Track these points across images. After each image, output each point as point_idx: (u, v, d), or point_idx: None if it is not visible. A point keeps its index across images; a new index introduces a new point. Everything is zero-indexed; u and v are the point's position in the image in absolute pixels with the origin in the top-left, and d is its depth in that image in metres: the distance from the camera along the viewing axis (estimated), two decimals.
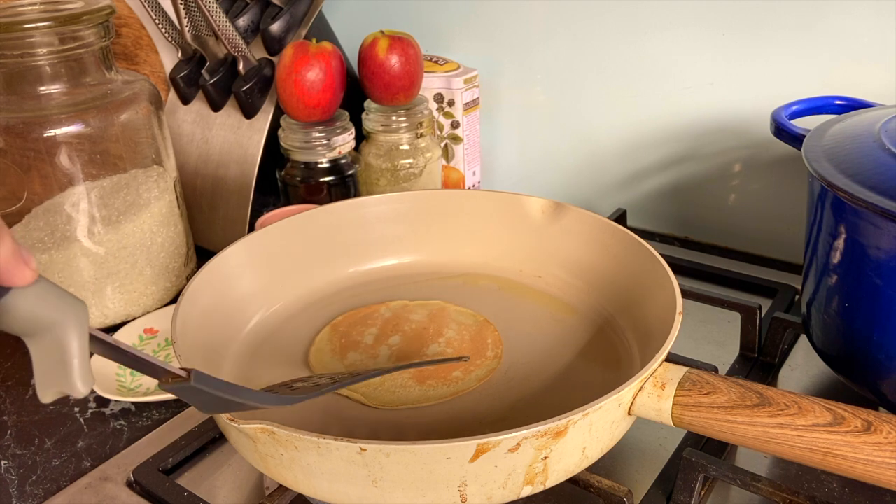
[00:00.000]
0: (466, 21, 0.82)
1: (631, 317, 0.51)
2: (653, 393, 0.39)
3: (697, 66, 0.70)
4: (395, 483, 0.35)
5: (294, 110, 0.67)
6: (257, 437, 0.36)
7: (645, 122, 0.75)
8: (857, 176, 0.42)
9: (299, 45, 0.66)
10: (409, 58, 0.68)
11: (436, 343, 0.51)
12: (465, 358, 0.47)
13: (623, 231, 0.54)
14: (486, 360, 0.49)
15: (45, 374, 0.27)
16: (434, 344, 0.51)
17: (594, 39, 0.75)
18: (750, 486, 0.41)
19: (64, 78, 0.58)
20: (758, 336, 0.55)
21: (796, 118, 0.56)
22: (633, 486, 0.43)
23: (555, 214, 0.58)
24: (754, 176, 0.71)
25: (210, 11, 0.68)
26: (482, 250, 0.60)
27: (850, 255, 0.45)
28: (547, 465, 0.37)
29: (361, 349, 0.51)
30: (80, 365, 0.25)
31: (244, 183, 0.72)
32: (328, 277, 0.59)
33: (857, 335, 0.45)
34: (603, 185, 0.80)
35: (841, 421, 0.36)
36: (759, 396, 0.38)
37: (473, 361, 0.49)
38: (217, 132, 0.74)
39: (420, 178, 0.72)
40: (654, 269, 0.49)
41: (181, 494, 0.44)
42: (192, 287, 0.48)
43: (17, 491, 0.47)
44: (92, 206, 0.60)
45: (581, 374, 0.49)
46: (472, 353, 0.50)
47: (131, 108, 0.61)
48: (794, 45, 0.65)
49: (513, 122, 0.84)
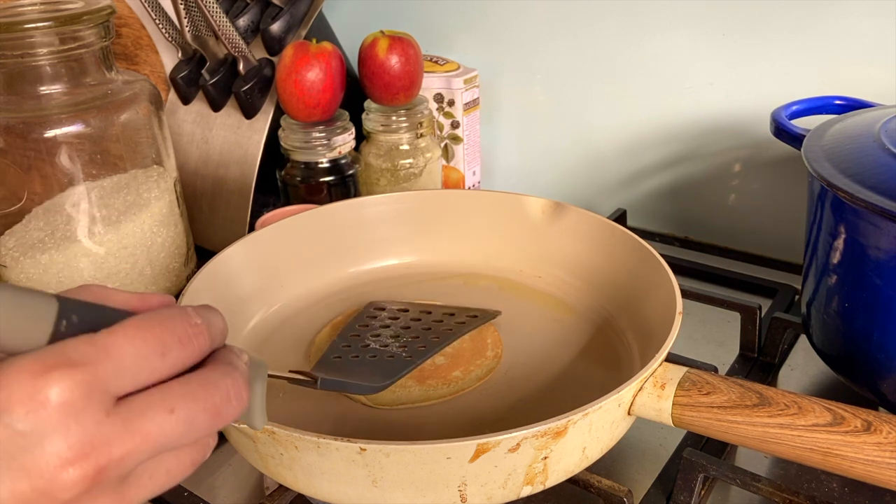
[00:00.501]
0: (466, 21, 0.82)
1: (631, 317, 0.51)
2: (653, 393, 0.39)
3: (697, 66, 0.70)
4: (395, 483, 0.35)
5: (294, 110, 0.67)
6: (257, 437, 0.36)
7: (645, 122, 0.75)
8: (857, 176, 0.42)
9: (299, 45, 0.66)
10: (409, 58, 0.68)
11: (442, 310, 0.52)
12: (498, 312, 0.52)
13: (623, 231, 0.54)
14: (485, 360, 0.49)
15: None
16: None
17: (594, 39, 0.75)
18: (750, 486, 0.41)
19: (64, 78, 0.58)
20: (758, 336, 0.55)
21: (796, 118, 0.56)
22: (633, 486, 0.43)
23: (555, 214, 0.58)
24: (754, 176, 0.71)
25: (210, 11, 0.68)
26: (482, 250, 0.60)
27: (850, 255, 0.45)
28: (547, 465, 0.37)
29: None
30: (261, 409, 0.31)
31: (244, 183, 0.72)
32: (328, 277, 0.59)
33: (857, 335, 0.45)
34: (603, 185, 0.80)
35: (841, 421, 0.36)
36: (758, 396, 0.38)
37: (473, 361, 0.49)
38: (217, 132, 0.74)
39: (420, 178, 0.72)
40: (654, 269, 0.49)
41: (181, 494, 0.44)
42: (192, 287, 0.48)
43: None
44: (92, 206, 0.60)
45: (581, 374, 0.49)
46: (472, 354, 0.50)
47: (131, 108, 0.61)
48: (794, 45, 0.65)
49: (513, 122, 0.84)
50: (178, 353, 0.26)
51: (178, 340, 0.26)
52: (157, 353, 0.25)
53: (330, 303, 0.57)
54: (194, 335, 0.27)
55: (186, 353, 0.27)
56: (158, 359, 0.26)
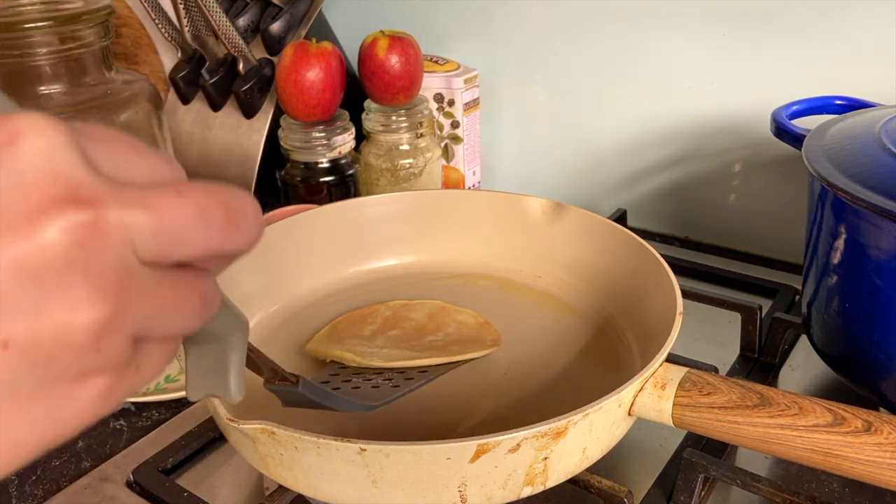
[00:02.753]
0: (466, 21, 0.82)
1: (631, 317, 0.51)
2: (653, 393, 0.39)
3: (697, 66, 0.70)
4: (395, 483, 0.35)
5: (294, 110, 0.67)
6: (257, 437, 0.36)
7: (645, 122, 0.75)
8: (857, 176, 0.42)
9: (299, 45, 0.66)
10: (409, 58, 0.68)
11: (434, 336, 0.51)
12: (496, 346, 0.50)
13: (623, 231, 0.54)
14: (483, 345, 0.50)
15: (200, 377, 0.28)
16: (432, 337, 0.51)
17: (594, 39, 0.75)
18: (750, 487, 0.41)
19: (64, 78, 0.58)
20: (758, 336, 0.55)
21: (796, 118, 0.56)
22: (633, 486, 0.43)
23: (555, 214, 0.58)
24: (754, 176, 0.71)
25: (210, 11, 0.68)
26: (482, 250, 0.60)
27: (850, 255, 0.45)
28: (547, 466, 0.37)
29: (360, 338, 0.51)
30: (238, 375, 0.28)
31: (244, 183, 0.72)
32: (328, 277, 0.59)
33: (858, 335, 0.45)
34: (603, 185, 0.80)
35: (841, 421, 0.36)
36: (759, 397, 0.38)
37: (471, 344, 0.50)
38: (217, 132, 0.74)
39: (420, 178, 0.72)
40: (654, 269, 0.49)
41: (181, 495, 0.44)
42: None
43: (16, 491, 0.47)
44: None
45: (581, 374, 0.49)
46: (470, 340, 0.51)
47: (131, 108, 0.61)
48: (794, 45, 0.65)
49: (513, 122, 0.84)
50: (224, 239, 0.22)
51: (231, 224, 0.22)
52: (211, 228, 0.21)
53: (330, 303, 0.57)
54: (251, 222, 0.23)
55: (233, 242, 0.23)
56: (204, 234, 0.21)
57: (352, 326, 0.53)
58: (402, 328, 0.52)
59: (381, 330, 0.52)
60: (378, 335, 0.51)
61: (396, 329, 0.52)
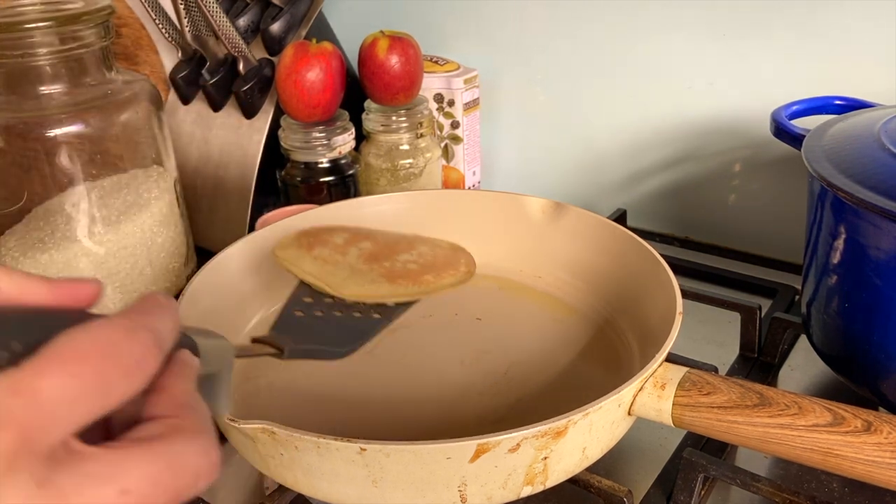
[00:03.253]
0: (466, 21, 0.82)
1: (631, 317, 0.51)
2: (653, 393, 0.39)
3: (697, 66, 0.70)
4: (395, 483, 0.35)
5: (294, 110, 0.67)
6: (257, 437, 0.36)
7: (645, 122, 0.75)
8: (857, 176, 0.42)
9: (299, 45, 0.66)
10: (409, 58, 0.68)
11: (407, 254, 0.50)
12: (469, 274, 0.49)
13: (623, 231, 0.54)
14: (458, 273, 0.49)
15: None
16: (406, 254, 0.50)
17: (594, 40, 0.75)
18: (750, 486, 0.41)
19: (64, 78, 0.58)
20: (758, 336, 0.55)
21: (796, 118, 0.56)
22: (633, 486, 0.43)
23: (555, 214, 0.58)
24: (754, 176, 0.71)
25: (210, 11, 0.68)
26: (482, 250, 0.60)
27: (850, 255, 0.45)
28: (547, 466, 0.37)
29: (330, 246, 0.49)
30: (226, 398, 0.30)
31: (244, 183, 0.72)
32: None
33: (857, 335, 0.45)
34: (603, 185, 0.80)
35: (841, 421, 0.36)
36: (759, 397, 0.38)
37: (446, 270, 0.49)
38: (217, 132, 0.74)
39: (420, 178, 0.72)
40: (654, 269, 0.49)
41: None
42: (192, 287, 0.48)
43: None
44: (92, 206, 0.60)
45: (581, 374, 0.49)
46: (445, 264, 0.49)
47: (131, 108, 0.61)
48: (794, 45, 0.65)
49: (513, 122, 0.84)
50: (124, 388, 0.22)
51: (123, 374, 0.22)
52: (99, 392, 0.21)
53: None
54: (142, 359, 0.23)
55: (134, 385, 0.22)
56: (100, 399, 0.21)
57: (323, 232, 0.51)
58: (375, 240, 0.51)
59: (353, 240, 0.50)
60: (350, 246, 0.50)
61: (369, 241, 0.51)
